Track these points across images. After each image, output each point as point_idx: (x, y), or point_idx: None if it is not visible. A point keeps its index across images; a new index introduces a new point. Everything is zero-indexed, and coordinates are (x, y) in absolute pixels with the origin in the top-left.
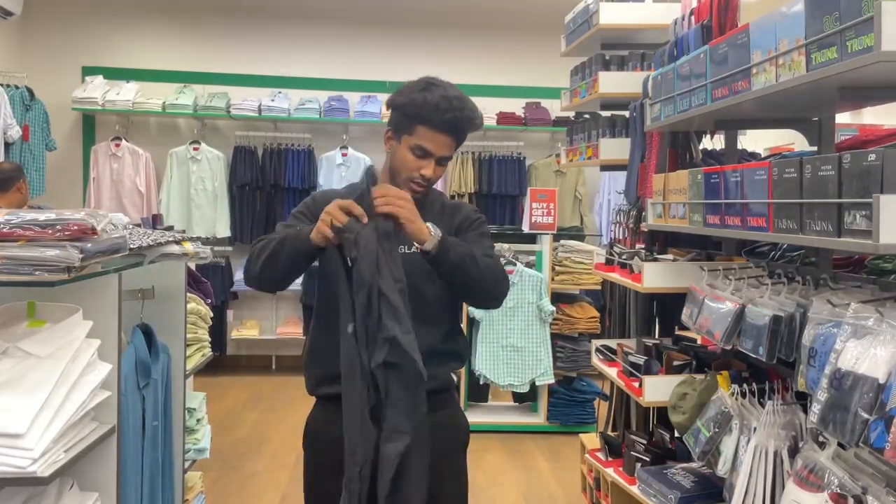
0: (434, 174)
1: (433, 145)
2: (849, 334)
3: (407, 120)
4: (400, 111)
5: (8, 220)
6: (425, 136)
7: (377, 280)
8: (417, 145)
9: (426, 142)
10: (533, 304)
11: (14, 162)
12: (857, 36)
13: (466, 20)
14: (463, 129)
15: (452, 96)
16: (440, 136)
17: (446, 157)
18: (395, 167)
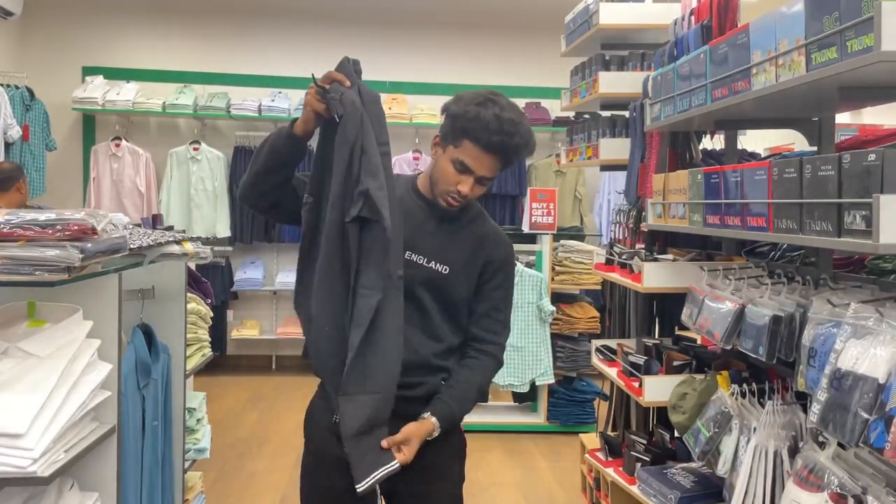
0: (472, 192)
1: (476, 164)
2: (849, 334)
3: (455, 131)
4: (451, 120)
5: (8, 220)
6: (470, 152)
7: (360, 136)
8: (459, 160)
9: (469, 158)
10: (533, 304)
11: (14, 162)
12: (857, 36)
13: (466, 20)
14: (510, 154)
15: (506, 118)
16: (485, 156)
17: (489, 178)
18: (434, 176)
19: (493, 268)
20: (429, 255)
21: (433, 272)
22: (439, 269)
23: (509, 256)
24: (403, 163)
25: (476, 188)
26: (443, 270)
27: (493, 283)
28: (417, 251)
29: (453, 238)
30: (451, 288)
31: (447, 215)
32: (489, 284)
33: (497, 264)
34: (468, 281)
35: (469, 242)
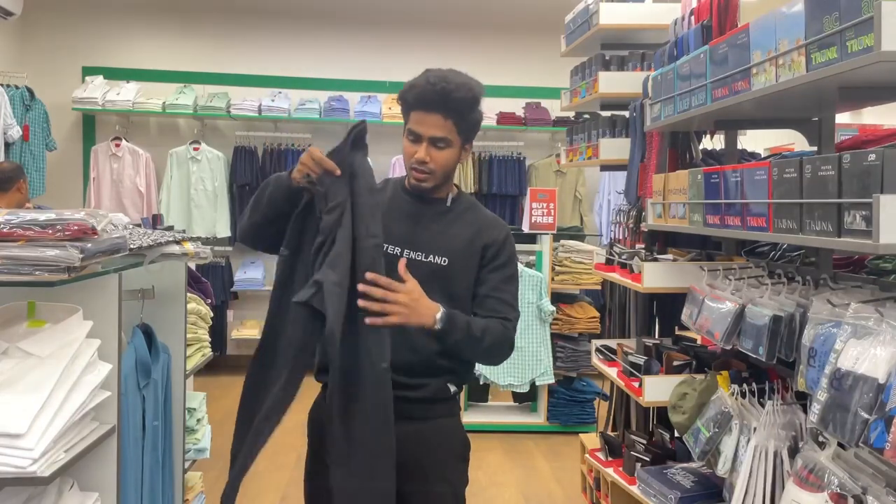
0: (430, 157)
1: (421, 126)
2: (849, 334)
3: (403, 109)
4: (401, 104)
5: (8, 220)
6: (414, 118)
7: (335, 229)
8: (409, 129)
9: (414, 124)
10: (533, 304)
11: (14, 162)
12: (857, 36)
13: (466, 20)
14: (447, 103)
15: (433, 75)
16: (426, 116)
17: (440, 137)
18: (404, 161)
19: (493, 250)
20: (426, 250)
21: (433, 265)
22: (439, 262)
23: (508, 237)
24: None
25: (433, 152)
26: (442, 262)
27: (493, 265)
28: (415, 247)
29: (449, 229)
30: (452, 278)
31: (440, 208)
32: (489, 266)
33: (496, 246)
34: (469, 269)
35: (465, 231)
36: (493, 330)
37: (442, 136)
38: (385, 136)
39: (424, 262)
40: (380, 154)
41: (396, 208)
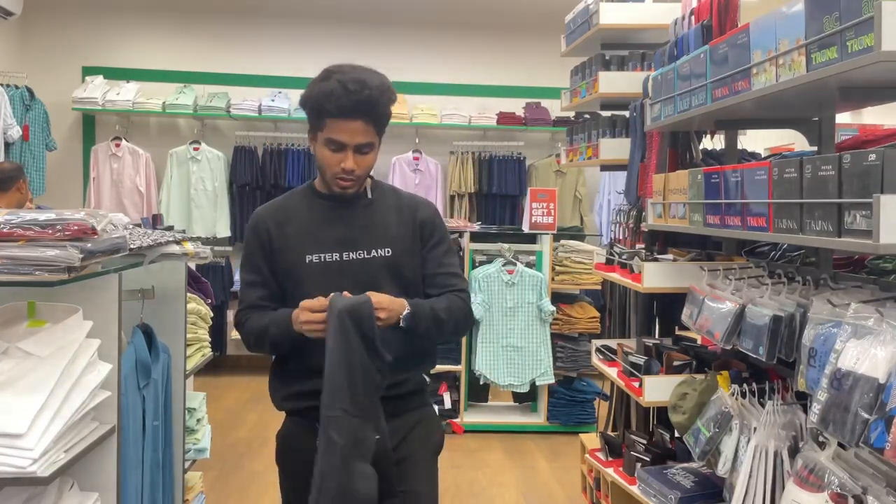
0: (357, 165)
1: (344, 135)
2: (849, 334)
3: (314, 116)
4: (307, 109)
5: (8, 220)
6: (333, 127)
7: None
8: (329, 139)
9: (336, 133)
10: (533, 304)
11: (14, 162)
12: (857, 36)
13: (466, 20)
14: (370, 110)
15: (349, 79)
16: (349, 124)
17: (365, 143)
18: (321, 168)
19: (429, 227)
20: (367, 245)
21: (379, 259)
22: (383, 253)
23: (437, 212)
24: (403, 163)
25: (359, 159)
26: (386, 253)
27: (431, 242)
28: (354, 247)
29: (381, 219)
30: (400, 266)
31: (360, 201)
32: (429, 244)
33: (430, 223)
34: (413, 252)
35: (396, 216)
36: (453, 306)
37: (367, 141)
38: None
39: (369, 258)
40: (380, 153)
41: (318, 216)
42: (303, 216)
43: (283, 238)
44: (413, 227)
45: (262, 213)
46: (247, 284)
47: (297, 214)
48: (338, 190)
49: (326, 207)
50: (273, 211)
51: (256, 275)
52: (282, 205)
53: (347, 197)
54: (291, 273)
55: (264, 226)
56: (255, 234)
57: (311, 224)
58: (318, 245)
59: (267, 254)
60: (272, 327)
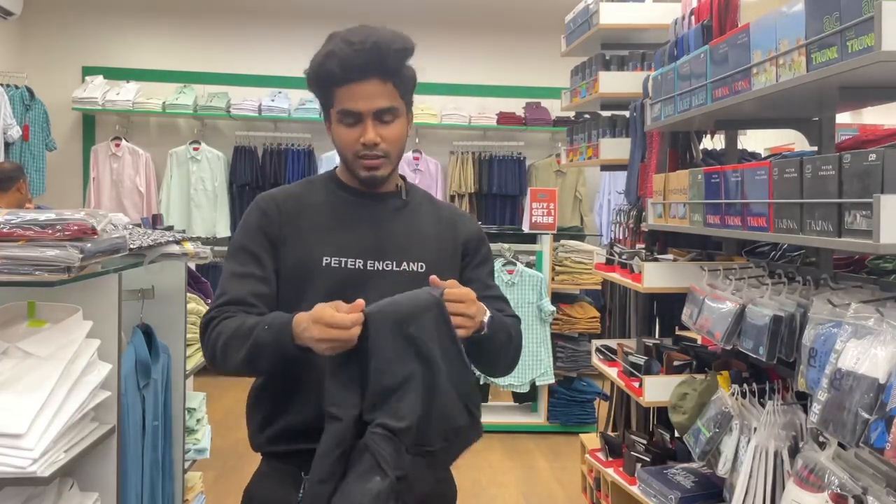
0: (381, 137)
1: (358, 101)
2: (849, 334)
3: (322, 90)
4: (313, 86)
5: (8, 220)
6: (344, 96)
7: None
8: (341, 111)
9: (347, 101)
10: (533, 304)
11: (14, 162)
12: (858, 36)
13: (466, 20)
14: (381, 64)
15: (352, 34)
16: (360, 87)
17: (385, 108)
18: (341, 153)
19: (474, 244)
20: (397, 257)
21: (409, 274)
22: (415, 269)
23: (481, 229)
24: (403, 162)
25: (381, 129)
26: (419, 269)
27: (476, 260)
28: (382, 256)
29: (416, 227)
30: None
31: (396, 203)
32: (473, 263)
33: (476, 239)
34: (450, 271)
35: (435, 227)
36: (515, 328)
37: (388, 105)
38: None
39: (398, 271)
40: None
41: (342, 213)
42: (321, 209)
43: (295, 229)
44: (454, 243)
45: (272, 196)
46: (236, 276)
47: (313, 205)
48: (364, 174)
49: (350, 202)
50: (285, 197)
51: (255, 266)
52: (295, 192)
53: (377, 193)
54: (301, 275)
55: (274, 209)
56: (262, 217)
57: (330, 219)
58: (338, 246)
59: (274, 243)
60: (260, 330)
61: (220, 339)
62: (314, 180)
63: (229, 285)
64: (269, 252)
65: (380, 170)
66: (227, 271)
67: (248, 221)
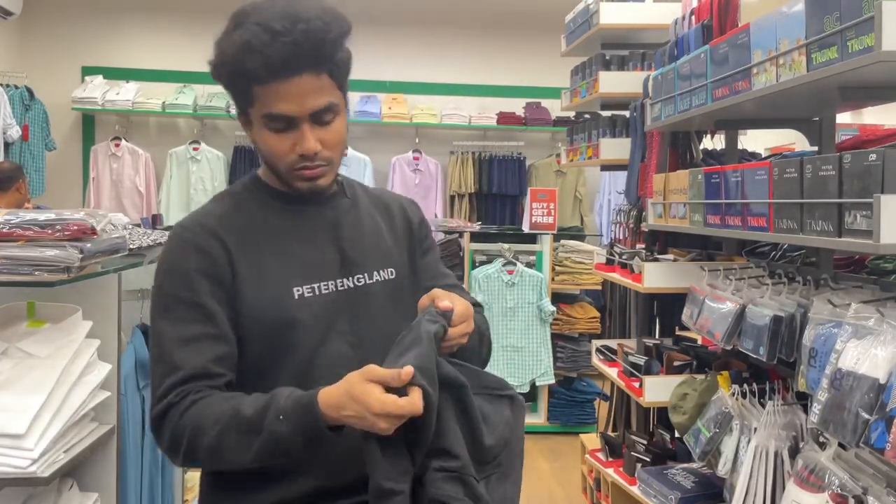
0: (322, 142)
1: (290, 101)
2: (849, 334)
3: (236, 87)
4: (223, 81)
5: (8, 220)
6: (270, 96)
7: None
8: (267, 115)
9: (275, 104)
10: (533, 304)
11: (14, 162)
12: (858, 36)
13: (466, 20)
14: (315, 53)
15: (272, 17)
16: (290, 85)
17: (324, 107)
18: (269, 160)
19: (424, 230)
20: (366, 267)
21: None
22: (386, 276)
23: (421, 212)
24: (403, 163)
25: (321, 133)
26: (390, 275)
27: (425, 245)
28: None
29: (368, 227)
30: (402, 291)
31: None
32: (422, 249)
33: (424, 224)
34: (412, 266)
35: (384, 220)
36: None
37: (326, 102)
38: (385, 136)
39: (371, 284)
40: (380, 152)
41: (292, 227)
42: (267, 228)
43: (247, 262)
44: (404, 232)
45: (200, 226)
46: (183, 342)
47: (257, 226)
48: (304, 186)
49: (296, 214)
50: (216, 222)
51: (204, 323)
52: (225, 213)
53: (319, 198)
54: (272, 317)
55: (211, 242)
56: (198, 255)
57: (283, 238)
58: (305, 270)
59: (222, 286)
60: (272, 422)
61: (202, 438)
62: (236, 193)
63: (178, 356)
64: (219, 300)
65: (323, 179)
66: (168, 337)
67: (178, 265)
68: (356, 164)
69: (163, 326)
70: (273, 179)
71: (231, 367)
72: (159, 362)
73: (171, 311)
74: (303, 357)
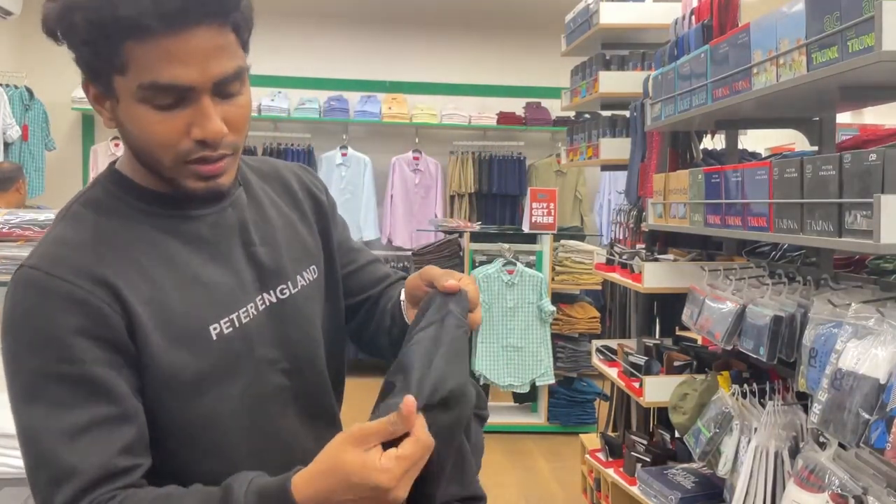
0: (227, 123)
1: (186, 66)
2: (849, 334)
3: (101, 47)
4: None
5: (7, 220)
6: (152, 58)
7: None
8: (151, 85)
9: (163, 69)
10: (533, 304)
11: (14, 162)
12: (858, 36)
13: (467, 20)
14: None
15: None
16: (185, 40)
17: (231, 74)
18: (139, 150)
19: (332, 200)
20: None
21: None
22: (311, 276)
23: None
24: (403, 162)
25: (227, 108)
26: (313, 274)
27: (335, 221)
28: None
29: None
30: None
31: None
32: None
33: (323, 190)
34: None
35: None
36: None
37: (235, 68)
38: (385, 136)
39: (296, 292)
40: (381, 153)
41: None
42: (158, 247)
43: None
44: (317, 210)
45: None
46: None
47: (143, 246)
48: (199, 186)
49: (189, 222)
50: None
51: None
52: (96, 237)
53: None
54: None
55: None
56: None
57: (183, 258)
58: (220, 297)
59: (119, 348)
60: None
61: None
62: (98, 204)
63: (67, 456)
64: (115, 366)
65: (225, 175)
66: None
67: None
68: (356, 163)
69: (35, 417)
70: (141, 175)
71: (145, 450)
72: (41, 468)
73: (42, 394)
74: (234, 408)
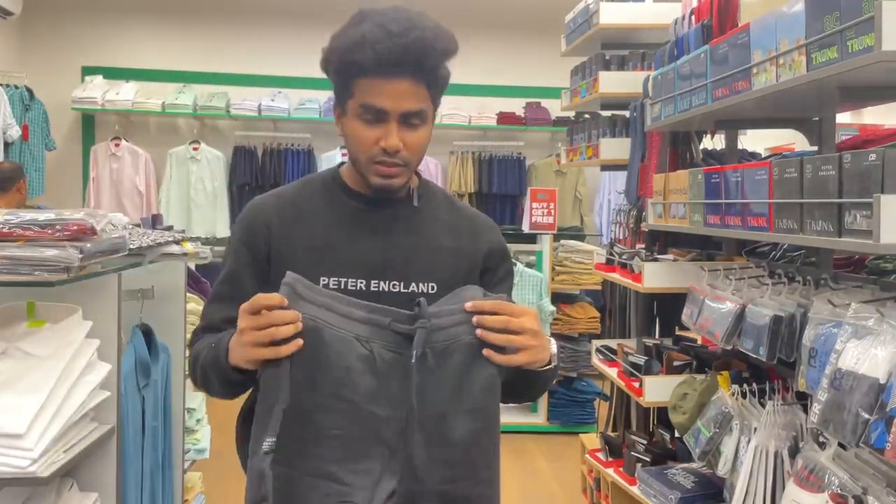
0: (405, 142)
1: (385, 98)
2: (849, 334)
3: (341, 76)
4: (331, 69)
5: (8, 220)
6: (370, 89)
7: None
8: (362, 105)
9: (373, 96)
10: (533, 304)
11: (15, 162)
12: (858, 36)
13: (466, 20)
14: (420, 62)
15: (391, 20)
16: (391, 84)
17: (415, 112)
18: (352, 151)
19: (497, 258)
20: (405, 276)
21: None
22: (425, 290)
23: (503, 239)
24: None
25: (406, 134)
26: (430, 290)
27: (497, 276)
28: (387, 275)
29: (428, 240)
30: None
31: (405, 211)
32: (493, 280)
33: (499, 252)
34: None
35: (451, 238)
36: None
37: (418, 108)
38: None
39: (406, 293)
40: None
41: (344, 223)
42: (319, 218)
43: (288, 244)
44: (473, 257)
45: (264, 205)
46: (215, 299)
47: (311, 214)
48: (378, 181)
49: (354, 209)
50: (279, 204)
51: (233, 286)
52: (292, 198)
53: (386, 199)
54: None
55: (264, 222)
56: (246, 231)
57: (330, 231)
58: (338, 263)
59: (259, 262)
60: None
61: (197, 367)
62: (313, 181)
63: (208, 309)
64: (255, 271)
65: (396, 179)
66: (212, 291)
67: (236, 236)
68: None
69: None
70: (351, 177)
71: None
72: (208, 305)
73: (222, 268)
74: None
